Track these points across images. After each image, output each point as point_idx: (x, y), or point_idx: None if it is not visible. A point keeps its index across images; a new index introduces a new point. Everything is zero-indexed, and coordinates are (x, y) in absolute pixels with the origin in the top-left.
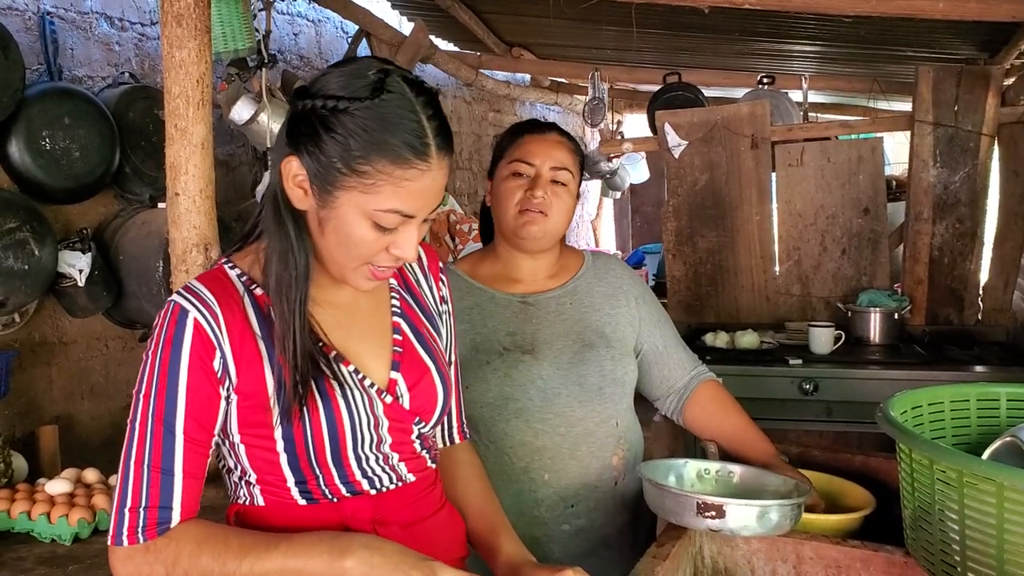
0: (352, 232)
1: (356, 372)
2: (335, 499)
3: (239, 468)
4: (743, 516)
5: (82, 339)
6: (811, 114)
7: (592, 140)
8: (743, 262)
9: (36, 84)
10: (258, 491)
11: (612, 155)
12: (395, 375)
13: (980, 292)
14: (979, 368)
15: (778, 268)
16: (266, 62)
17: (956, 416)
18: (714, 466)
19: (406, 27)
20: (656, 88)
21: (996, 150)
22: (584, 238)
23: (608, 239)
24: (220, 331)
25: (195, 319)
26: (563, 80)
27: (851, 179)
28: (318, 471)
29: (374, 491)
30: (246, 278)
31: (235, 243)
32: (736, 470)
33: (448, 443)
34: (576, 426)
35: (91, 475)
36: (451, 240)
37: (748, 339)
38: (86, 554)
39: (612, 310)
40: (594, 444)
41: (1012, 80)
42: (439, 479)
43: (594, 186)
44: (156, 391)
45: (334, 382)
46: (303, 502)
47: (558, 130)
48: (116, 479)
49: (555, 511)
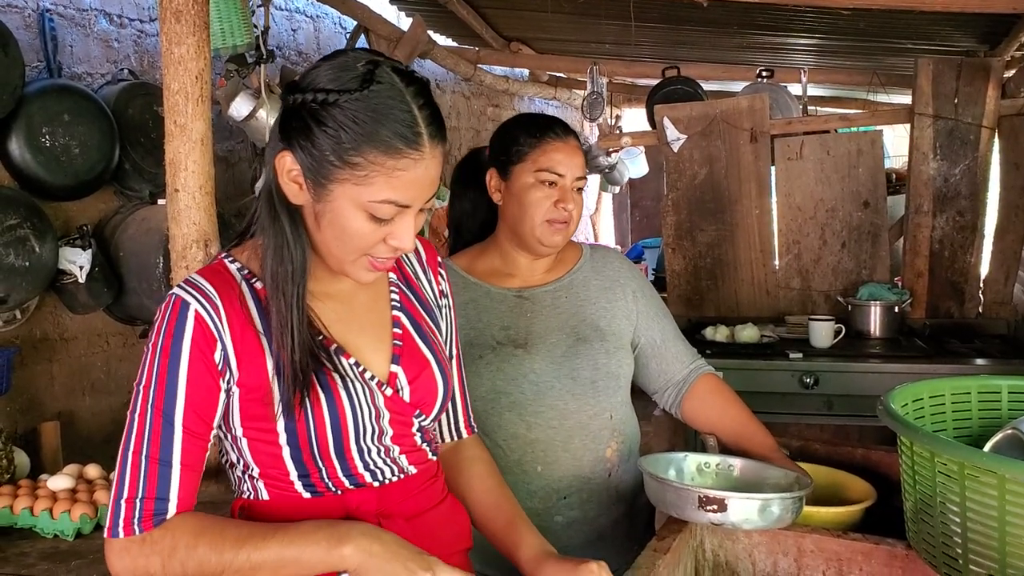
0: (348, 224)
1: (357, 365)
2: (339, 491)
3: (242, 462)
4: (745, 509)
5: (83, 335)
6: (810, 107)
7: (591, 135)
8: (743, 256)
9: (36, 81)
10: (262, 485)
11: (611, 149)
12: (395, 368)
13: (981, 285)
14: (980, 361)
15: (778, 262)
16: (264, 58)
17: (957, 409)
18: (714, 460)
19: (404, 22)
20: (655, 82)
21: (996, 142)
22: (583, 233)
23: (607, 234)
24: (221, 324)
25: (196, 311)
26: (562, 75)
27: (851, 172)
28: (321, 464)
29: (377, 483)
30: (246, 271)
31: (232, 240)
32: (736, 463)
33: (455, 437)
34: (569, 419)
35: (93, 471)
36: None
37: (748, 333)
38: (89, 549)
39: (608, 304)
40: (587, 436)
41: (1012, 72)
42: (440, 472)
43: (593, 181)
44: (156, 382)
45: (335, 375)
46: (307, 495)
47: (573, 132)
48: (116, 470)
49: (548, 502)
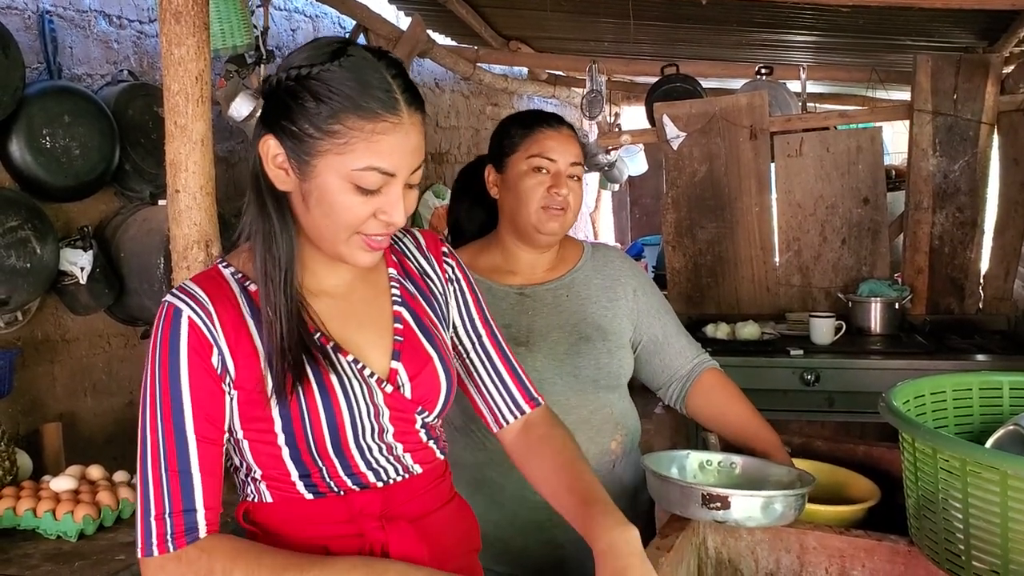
0: (336, 199)
1: (355, 362)
2: (342, 492)
3: (244, 465)
4: (748, 507)
5: (84, 337)
6: (810, 104)
7: (590, 132)
8: (743, 253)
9: (36, 83)
10: (264, 487)
11: (610, 147)
12: (396, 364)
13: (981, 281)
14: (980, 357)
15: (778, 259)
16: (264, 58)
17: (959, 405)
18: (716, 457)
19: (403, 22)
20: (654, 80)
21: (996, 138)
22: (583, 231)
23: (607, 231)
24: (215, 328)
25: (189, 318)
26: (561, 73)
27: (850, 169)
28: (320, 463)
29: (381, 483)
30: (240, 275)
31: (230, 244)
32: (738, 461)
33: (518, 415)
34: (571, 414)
35: (95, 472)
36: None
37: (749, 330)
38: (92, 550)
39: (609, 303)
40: (591, 430)
41: (1011, 68)
42: (448, 472)
43: (592, 179)
44: (161, 394)
45: (331, 372)
46: (310, 496)
47: (567, 123)
48: (138, 487)
49: None
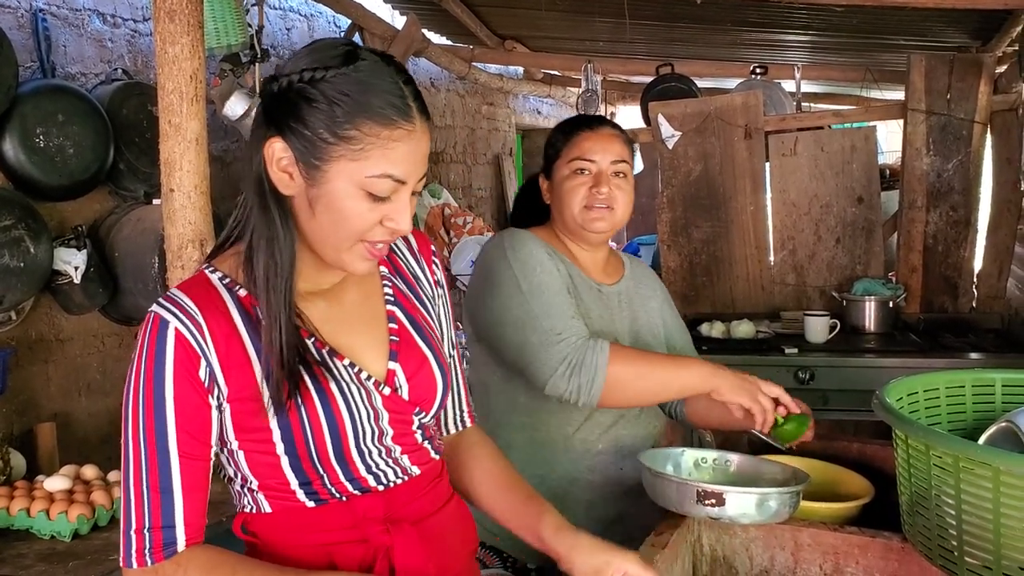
0: (345, 206)
1: (352, 366)
2: (344, 498)
3: (240, 476)
4: (742, 504)
5: (79, 336)
6: (804, 104)
7: None
8: (738, 252)
9: (29, 81)
10: (263, 497)
11: None
12: (393, 365)
13: (974, 279)
14: (974, 355)
15: (773, 258)
16: (259, 57)
17: (952, 403)
18: (711, 455)
19: (398, 21)
20: (649, 79)
21: (989, 138)
22: None
23: None
24: (204, 340)
25: (176, 329)
26: (556, 72)
27: (845, 168)
28: (321, 470)
29: (381, 487)
30: (228, 280)
31: (214, 248)
32: (733, 459)
33: (460, 427)
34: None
35: (89, 471)
36: (446, 234)
37: (744, 329)
38: (86, 550)
39: (647, 314)
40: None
41: (1004, 68)
42: (445, 472)
43: None
44: (144, 408)
45: (329, 378)
46: (311, 504)
47: (609, 123)
48: (122, 497)
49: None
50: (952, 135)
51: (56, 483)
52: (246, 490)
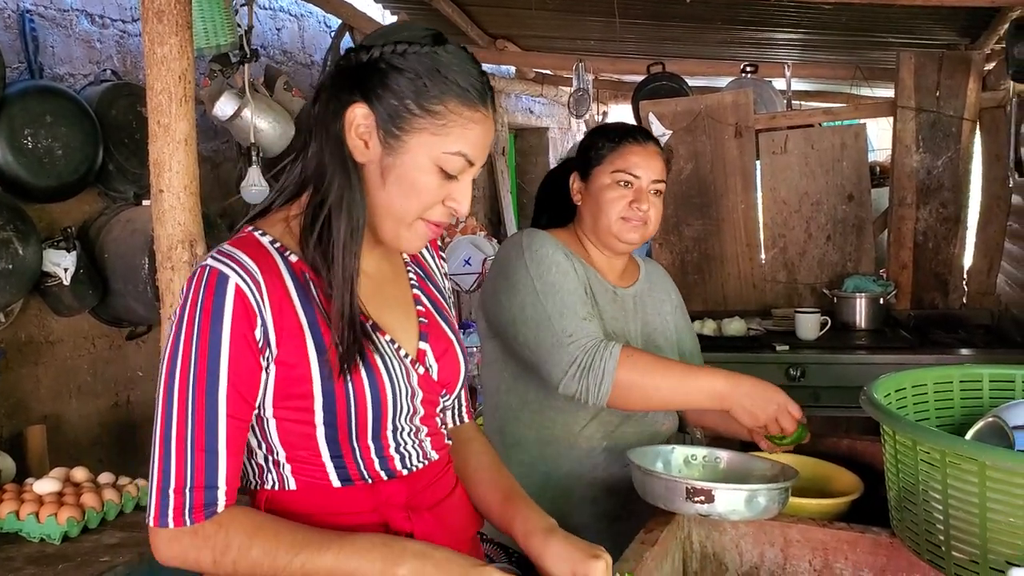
0: (417, 178)
1: (392, 342)
2: (371, 480)
3: (264, 446)
4: (732, 500)
5: (68, 338)
6: (794, 102)
7: (577, 131)
8: (729, 250)
9: (17, 83)
10: (288, 471)
11: None
12: (424, 345)
13: (964, 276)
14: (964, 351)
15: (764, 255)
16: (248, 57)
17: (940, 398)
18: (701, 452)
19: (389, 20)
20: (640, 78)
21: (978, 135)
22: None
23: None
24: (262, 299)
25: (236, 285)
26: (548, 72)
27: (835, 166)
28: (356, 445)
29: (406, 471)
30: (279, 245)
31: (256, 212)
32: (723, 456)
33: (459, 421)
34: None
35: (80, 474)
36: None
37: (735, 326)
38: (76, 553)
39: (660, 319)
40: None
41: (992, 65)
42: (451, 458)
43: None
44: (196, 364)
45: (375, 352)
46: (338, 483)
47: (655, 139)
48: (153, 454)
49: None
50: (941, 132)
51: (46, 485)
52: (271, 464)
